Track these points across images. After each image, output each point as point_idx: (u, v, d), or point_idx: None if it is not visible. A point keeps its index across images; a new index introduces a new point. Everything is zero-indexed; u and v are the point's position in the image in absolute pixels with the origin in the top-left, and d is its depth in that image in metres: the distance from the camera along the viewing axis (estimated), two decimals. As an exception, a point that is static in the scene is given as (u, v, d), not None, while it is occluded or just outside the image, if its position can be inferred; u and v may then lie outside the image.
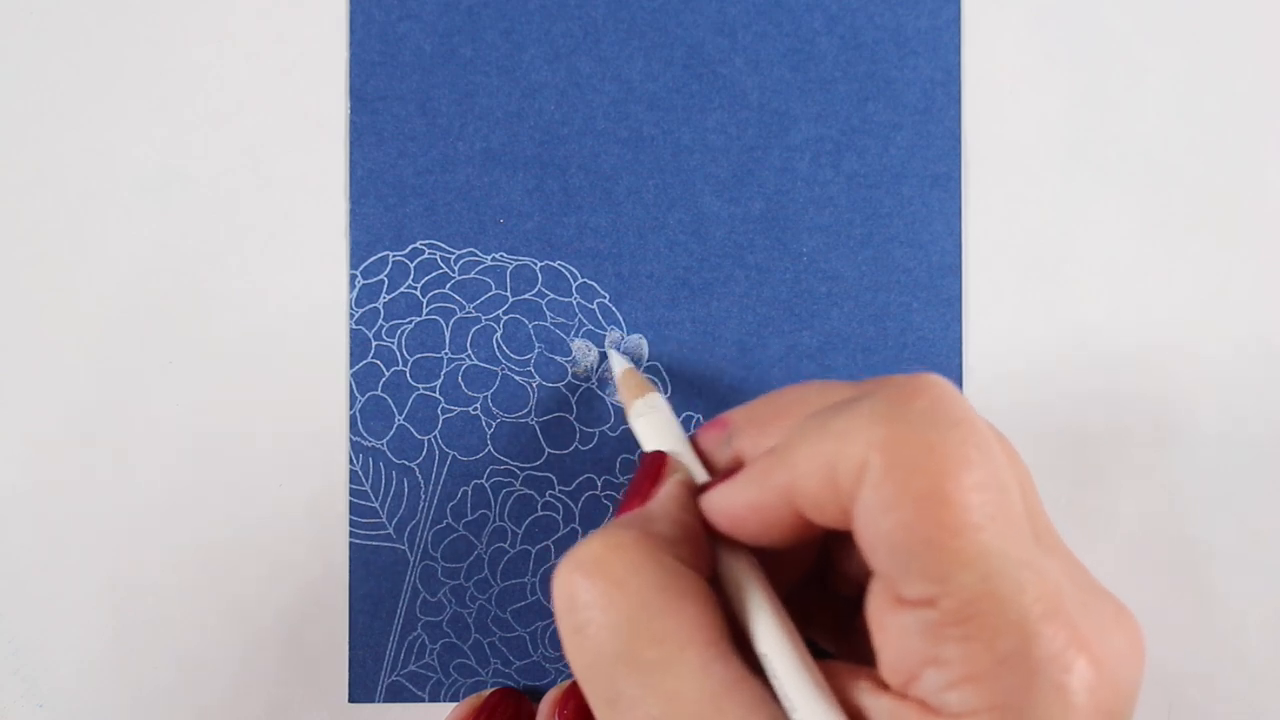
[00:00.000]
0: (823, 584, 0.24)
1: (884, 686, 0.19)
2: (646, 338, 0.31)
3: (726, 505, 0.22)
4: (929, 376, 0.19)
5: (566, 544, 0.31)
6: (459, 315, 0.31)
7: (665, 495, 0.22)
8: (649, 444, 0.26)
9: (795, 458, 0.20)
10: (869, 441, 0.18)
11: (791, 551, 0.23)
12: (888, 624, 0.19)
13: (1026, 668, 0.17)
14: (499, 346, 0.31)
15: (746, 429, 0.23)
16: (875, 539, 0.18)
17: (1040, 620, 0.17)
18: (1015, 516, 0.18)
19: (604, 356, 0.31)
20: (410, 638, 0.31)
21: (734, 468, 0.22)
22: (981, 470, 0.18)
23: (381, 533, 0.31)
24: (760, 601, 0.21)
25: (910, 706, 0.18)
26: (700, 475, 0.24)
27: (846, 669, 0.20)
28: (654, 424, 0.26)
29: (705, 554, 0.22)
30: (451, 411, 0.31)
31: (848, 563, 0.23)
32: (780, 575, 0.23)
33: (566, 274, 0.31)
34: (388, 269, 0.31)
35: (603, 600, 0.19)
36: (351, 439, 0.31)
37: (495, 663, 0.31)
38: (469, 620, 0.31)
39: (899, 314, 0.32)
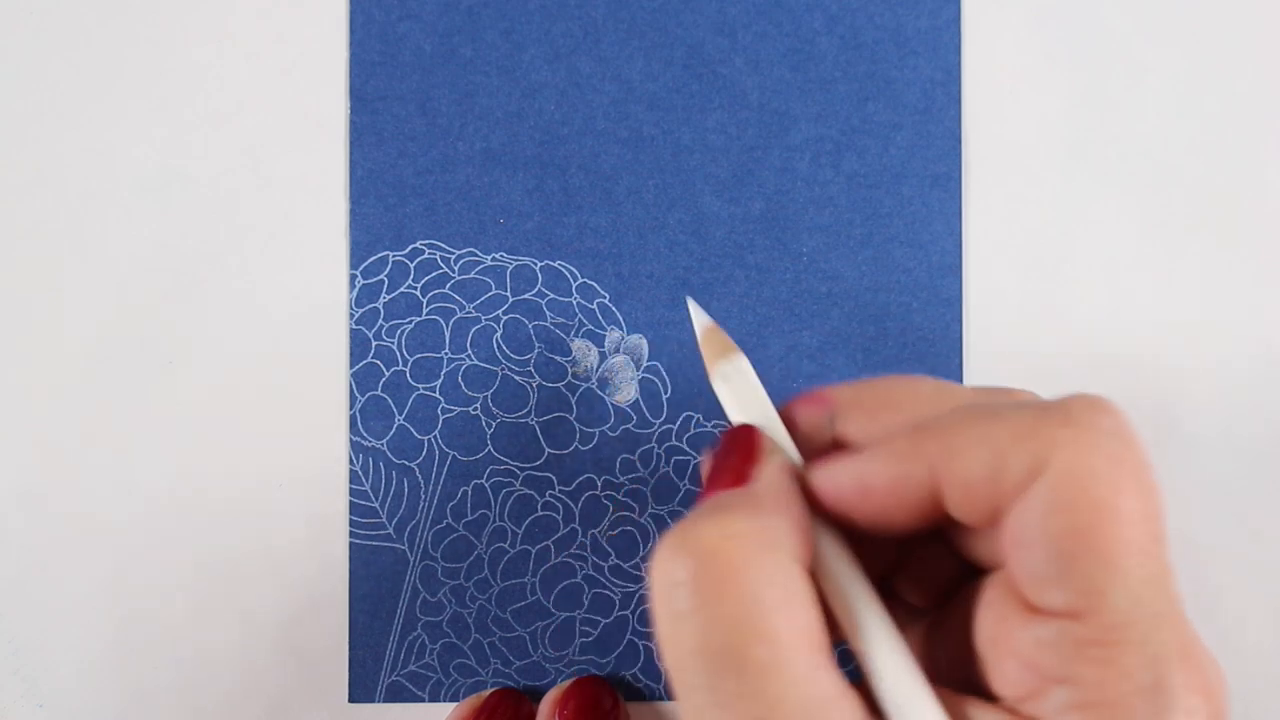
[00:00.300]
0: (887, 586, 0.24)
1: (991, 701, 0.19)
2: (646, 338, 0.31)
3: (858, 478, 0.20)
4: (1111, 400, 0.19)
5: (567, 544, 0.31)
6: (459, 315, 0.31)
7: (770, 480, 0.21)
8: (735, 413, 0.24)
9: (956, 441, 0.19)
10: (1055, 440, 0.18)
11: (873, 546, 0.22)
12: (1015, 635, 0.18)
13: (1160, 704, 0.17)
14: (499, 346, 0.31)
15: (853, 413, 0.22)
16: (1034, 539, 0.18)
17: (1177, 660, 0.17)
18: (1163, 551, 0.18)
19: (604, 357, 0.31)
20: (410, 638, 0.31)
21: (833, 450, 0.21)
22: (1144, 495, 0.18)
23: (381, 533, 0.31)
24: (865, 600, 0.20)
25: None
26: (793, 455, 0.22)
27: (941, 682, 0.19)
28: (739, 392, 0.24)
29: (808, 544, 0.21)
30: (451, 411, 0.31)
31: (925, 566, 0.23)
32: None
33: (566, 274, 0.31)
34: (388, 269, 0.31)
35: (709, 590, 0.18)
36: (351, 439, 0.31)
37: (495, 663, 0.31)
38: (469, 620, 0.31)
39: (899, 314, 0.31)
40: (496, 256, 0.31)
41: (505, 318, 0.31)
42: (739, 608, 0.18)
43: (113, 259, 0.31)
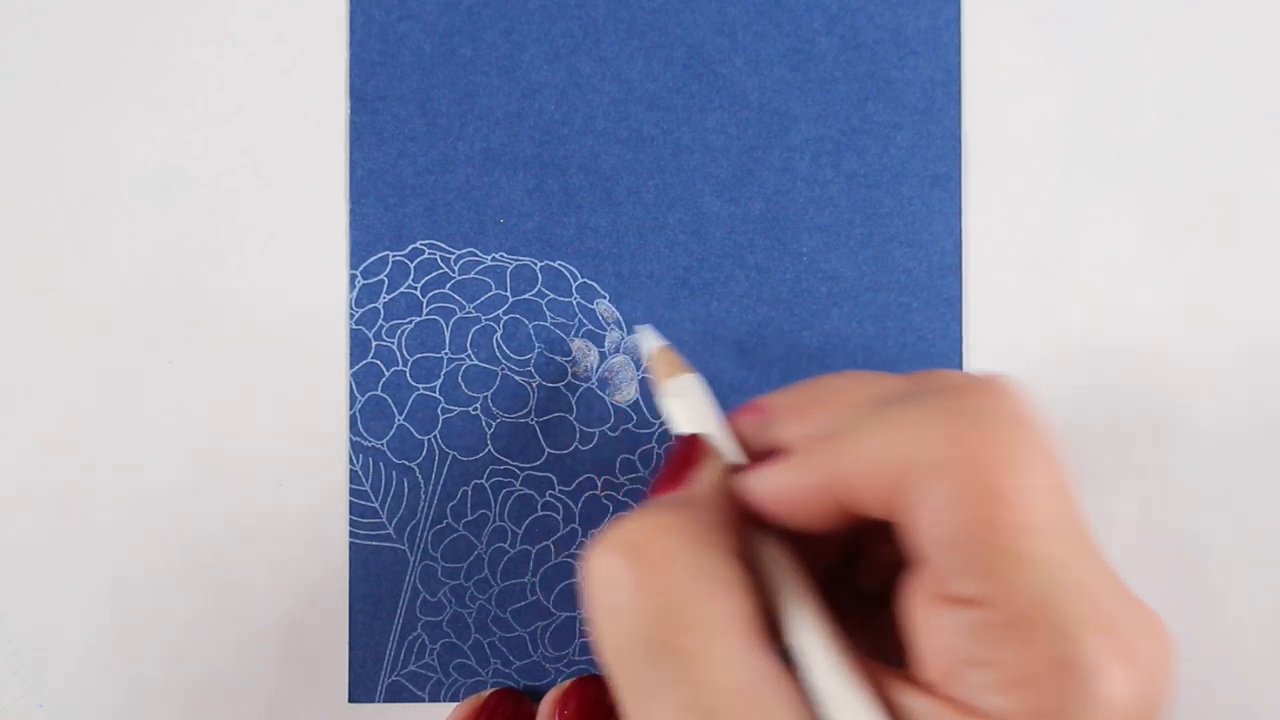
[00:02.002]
0: (843, 576, 0.24)
1: (918, 685, 0.19)
2: (646, 338, 0.31)
3: (773, 487, 0.21)
4: (1000, 377, 0.19)
5: (567, 544, 0.31)
6: (459, 315, 0.31)
7: (705, 480, 0.22)
8: (683, 425, 0.25)
9: (854, 444, 0.20)
10: (939, 435, 0.18)
11: (819, 540, 0.23)
12: (931, 621, 0.19)
13: (1071, 676, 0.17)
14: (499, 346, 0.31)
15: (786, 417, 0.23)
16: (933, 533, 0.18)
17: (1088, 629, 0.17)
18: (1073, 523, 0.18)
19: (604, 357, 0.31)
20: (410, 638, 0.31)
21: (771, 453, 0.22)
22: (1046, 474, 0.18)
23: (381, 533, 0.31)
24: (796, 593, 0.20)
25: (947, 706, 0.18)
26: (737, 460, 0.23)
27: (878, 665, 0.20)
28: (688, 406, 0.25)
29: (742, 542, 0.21)
30: (451, 411, 0.31)
31: (877, 555, 0.23)
32: (805, 564, 0.23)
33: (566, 274, 0.31)
34: (388, 269, 0.31)
35: (640, 583, 0.19)
36: (351, 439, 0.31)
37: (495, 663, 0.31)
38: (469, 620, 0.31)
39: (899, 314, 0.31)
40: (496, 256, 0.31)
41: (505, 318, 0.31)
42: (667, 599, 0.19)
43: (113, 259, 0.31)
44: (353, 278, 0.31)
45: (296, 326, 0.31)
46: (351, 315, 0.31)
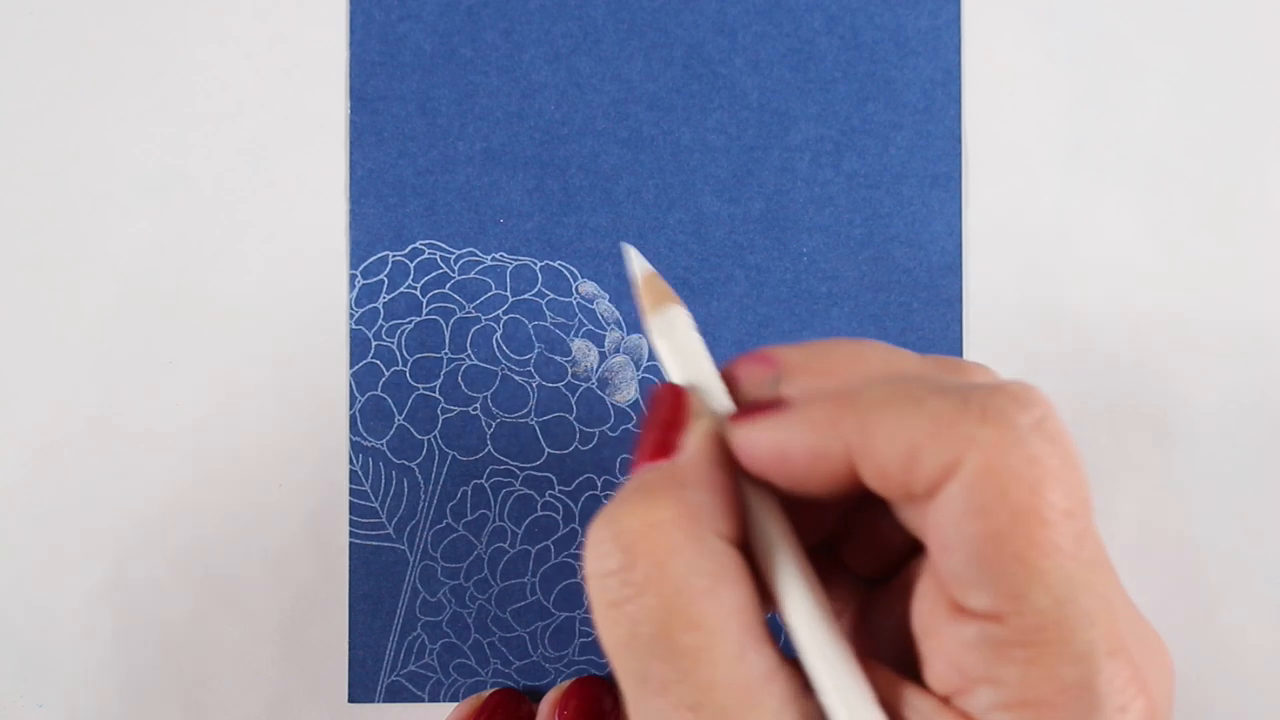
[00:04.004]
0: (833, 554, 0.23)
1: (925, 689, 0.18)
2: (646, 338, 0.31)
3: (773, 441, 0.20)
4: (1036, 390, 0.18)
5: (566, 544, 0.31)
6: (459, 315, 0.31)
7: (696, 451, 0.20)
8: (673, 372, 0.22)
9: (876, 420, 0.18)
10: (972, 438, 0.17)
11: (815, 510, 0.21)
12: (942, 631, 0.18)
13: (1087, 702, 0.17)
14: (499, 346, 0.31)
15: (800, 375, 0.21)
16: (954, 541, 0.18)
17: (1106, 655, 0.17)
18: (1095, 545, 0.18)
19: (604, 357, 0.31)
20: (410, 638, 0.31)
21: (770, 403, 0.20)
22: (1077, 494, 0.17)
23: (381, 533, 0.31)
24: (796, 578, 0.19)
25: (953, 715, 0.18)
26: (728, 412, 0.21)
27: (872, 661, 0.19)
28: (678, 347, 0.22)
29: (737, 514, 0.20)
30: (451, 411, 0.31)
31: (873, 535, 0.22)
32: (799, 533, 0.22)
33: (566, 274, 0.31)
34: (388, 269, 0.31)
35: (641, 579, 0.19)
36: (351, 439, 0.31)
37: (495, 663, 0.31)
38: (469, 620, 0.31)
39: (899, 314, 0.31)
40: (496, 256, 0.31)
41: (505, 318, 0.31)
42: (665, 597, 0.18)
43: (113, 259, 0.31)
44: (353, 278, 0.31)
45: (296, 326, 0.31)
46: (351, 315, 0.31)
